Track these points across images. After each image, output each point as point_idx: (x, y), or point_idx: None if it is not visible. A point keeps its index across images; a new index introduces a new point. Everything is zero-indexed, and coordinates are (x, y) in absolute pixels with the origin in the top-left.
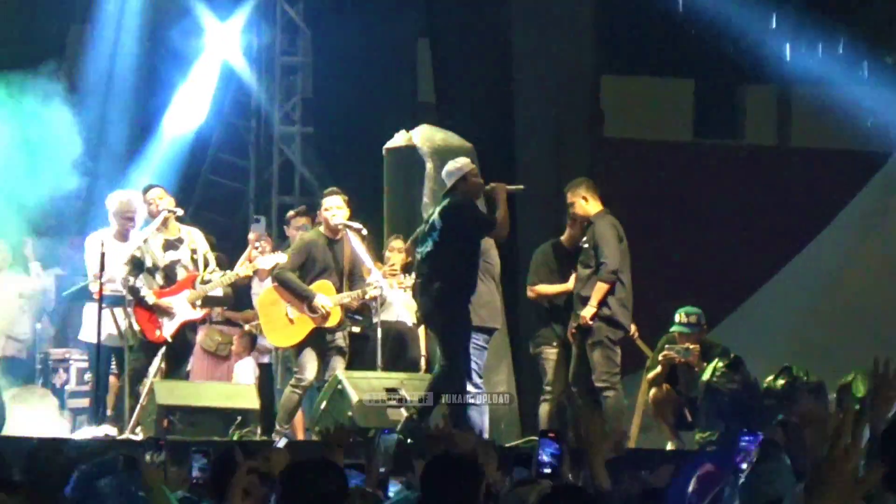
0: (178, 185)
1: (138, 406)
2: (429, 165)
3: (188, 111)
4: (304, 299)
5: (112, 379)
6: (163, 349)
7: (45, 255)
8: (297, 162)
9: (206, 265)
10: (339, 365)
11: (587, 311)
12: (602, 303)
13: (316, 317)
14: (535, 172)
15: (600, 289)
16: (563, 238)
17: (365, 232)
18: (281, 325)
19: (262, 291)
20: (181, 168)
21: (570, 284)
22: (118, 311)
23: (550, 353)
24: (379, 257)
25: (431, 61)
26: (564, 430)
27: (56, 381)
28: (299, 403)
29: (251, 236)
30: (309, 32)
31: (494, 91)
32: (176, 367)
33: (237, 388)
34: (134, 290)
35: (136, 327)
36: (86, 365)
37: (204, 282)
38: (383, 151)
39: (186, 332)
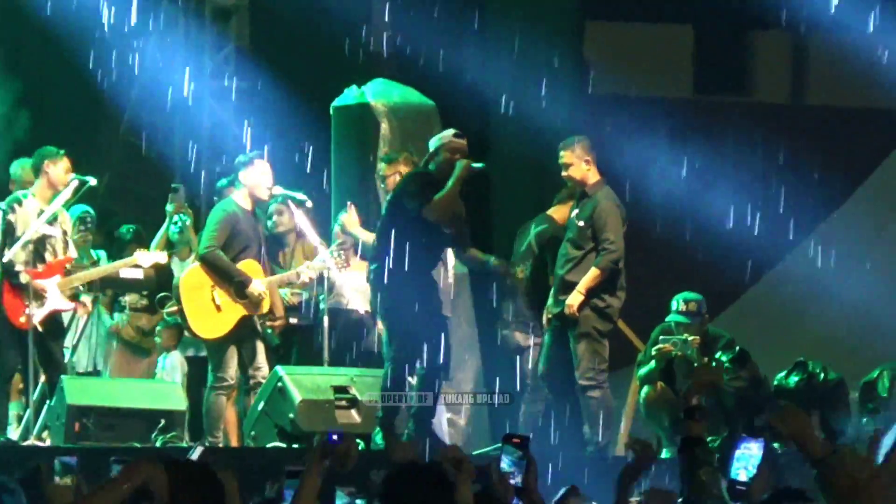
0: (88, 148)
1: (29, 406)
2: (384, 126)
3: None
4: (235, 283)
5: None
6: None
7: None
8: (230, 122)
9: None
10: (260, 353)
11: (574, 299)
12: (593, 291)
13: (246, 303)
14: (508, 136)
15: (595, 277)
16: (554, 215)
17: (310, 204)
18: (206, 311)
19: (185, 272)
20: (91, 129)
21: None
22: None
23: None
24: (325, 234)
25: (388, 4)
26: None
27: None
28: (225, 407)
29: (169, 208)
30: None
31: (461, 40)
32: (53, 363)
33: (161, 387)
34: (8, 264)
35: None
36: None
37: (67, 273)
38: (331, 110)
39: (56, 322)
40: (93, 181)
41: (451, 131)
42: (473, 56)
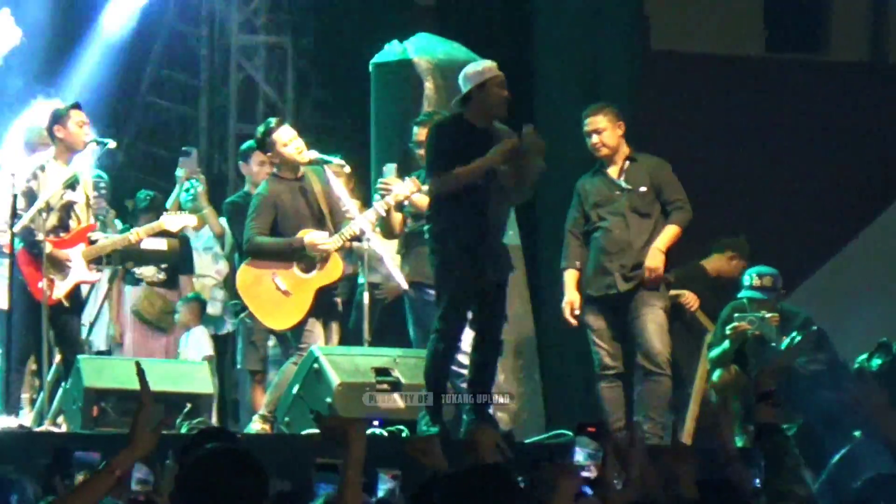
0: (109, 108)
1: (43, 389)
2: (428, 85)
3: (120, 13)
4: (291, 252)
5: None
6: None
7: None
8: (260, 81)
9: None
10: (335, 338)
11: (656, 259)
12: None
13: (314, 275)
14: (561, 96)
15: (675, 235)
16: (707, 265)
17: (348, 169)
18: (275, 303)
19: (238, 273)
20: (112, 87)
21: None
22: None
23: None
24: (365, 199)
25: None
26: (606, 425)
27: None
28: None
29: (180, 173)
30: None
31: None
32: (69, 341)
33: (187, 368)
34: (28, 233)
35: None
36: None
37: (91, 241)
38: (371, 67)
39: (77, 296)
40: (112, 143)
41: (487, 63)
42: (524, 10)
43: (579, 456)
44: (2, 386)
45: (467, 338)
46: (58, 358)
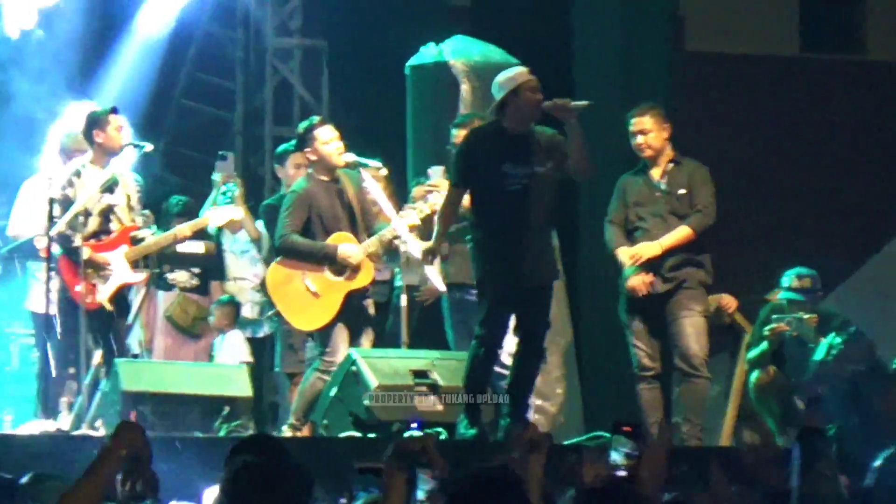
0: (144, 111)
1: (81, 393)
2: (464, 87)
3: (155, 15)
4: (323, 258)
5: None
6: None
7: None
8: (296, 83)
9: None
10: (367, 343)
11: (649, 250)
12: (696, 260)
13: (344, 279)
14: (597, 97)
15: (686, 237)
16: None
17: (385, 172)
18: (303, 303)
19: (268, 272)
20: (147, 90)
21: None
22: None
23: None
24: (402, 202)
25: None
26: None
27: None
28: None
29: (216, 177)
30: None
31: None
32: (112, 344)
33: (224, 371)
34: (65, 239)
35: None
36: (33, 342)
37: (135, 241)
38: (407, 69)
39: (123, 299)
40: (149, 147)
41: (519, 69)
42: (559, 11)
43: (615, 455)
44: (40, 390)
45: (511, 339)
46: (95, 361)
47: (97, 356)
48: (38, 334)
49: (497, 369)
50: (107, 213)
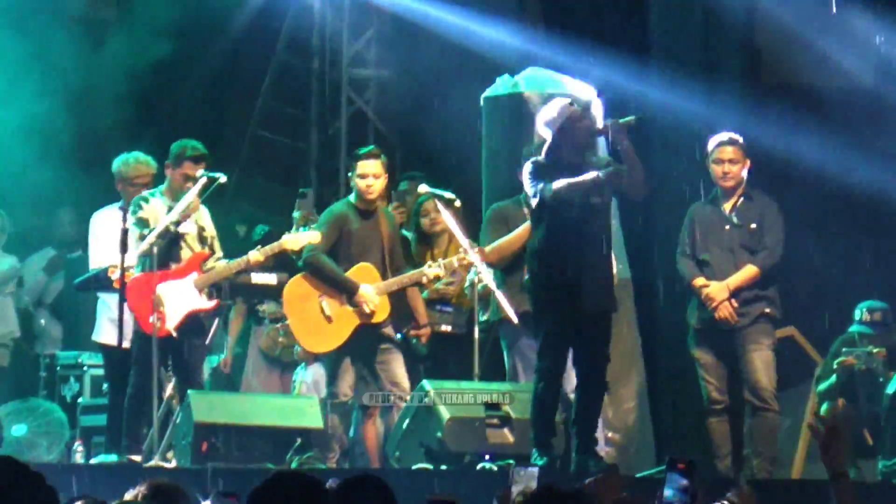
0: (218, 141)
1: (154, 423)
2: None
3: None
4: (343, 290)
5: None
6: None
7: (29, 229)
8: (371, 114)
9: (212, 252)
10: (397, 365)
11: (720, 293)
12: (765, 295)
13: (359, 311)
14: (673, 129)
15: (751, 275)
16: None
17: (459, 203)
18: (315, 324)
19: (290, 281)
20: (219, 120)
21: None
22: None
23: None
24: (475, 233)
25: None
26: (696, 461)
27: (66, 393)
28: (339, 424)
29: (296, 215)
30: None
31: (625, 23)
32: (185, 372)
33: (296, 403)
34: (136, 268)
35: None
36: (103, 373)
37: (206, 270)
38: (482, 101)
39: (195, 324)
40: (223, 178)
41: (560, 101)
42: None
43: (668, 492)
44: (111, 421)
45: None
46: (167, 393)
47: (169, 387)
48: (109, 366)
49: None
50: (176, 241)
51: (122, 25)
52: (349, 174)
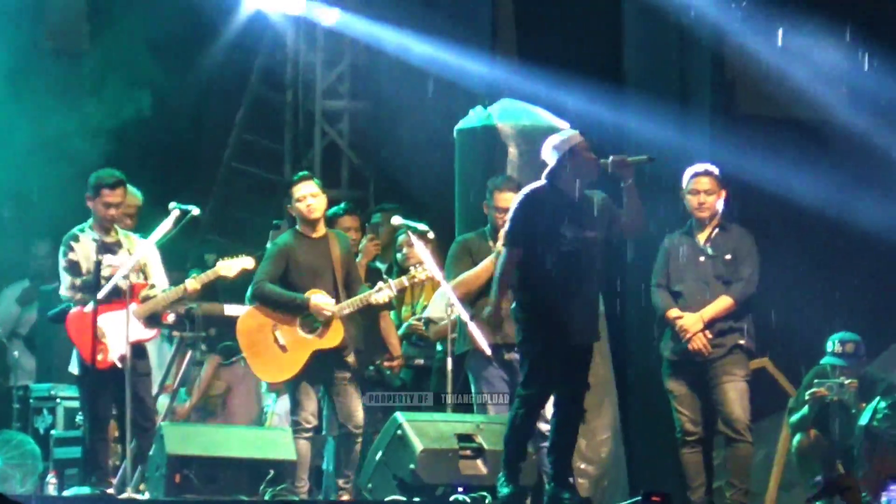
0: (191, 173)
1: (127, 455)
2: (511, 150)
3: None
4: (295, 309)
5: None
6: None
7: (2, 262)
8: (344, 146)
9: (147, 280)
10: (350, 400)
11: (694, 325)
12: (739, 327)
13: (314, 337)
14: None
15: (727, 308)
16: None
17: (432, 235)
18: (269, 354)
19: (242, 315)
20: (194, 152)
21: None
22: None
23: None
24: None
25: (515, 20)
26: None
27: (39, 426)
28: (308, 453)
29: (270, 247)
30: None
31: (599, 54)
32: (133, 402)
33: (269, 434)
34: (66, 303)
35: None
36: (77, 405)
37: (143, 299)
38: (455, 133)
39: (139, 354)
40: (195, 210)
41: (571, 131)
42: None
43: None
44: (84, 453)
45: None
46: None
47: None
48: (81, 398)
49: (541, 426)
50: (110, 275)
51: (95, 58)
52: (287, 206)
